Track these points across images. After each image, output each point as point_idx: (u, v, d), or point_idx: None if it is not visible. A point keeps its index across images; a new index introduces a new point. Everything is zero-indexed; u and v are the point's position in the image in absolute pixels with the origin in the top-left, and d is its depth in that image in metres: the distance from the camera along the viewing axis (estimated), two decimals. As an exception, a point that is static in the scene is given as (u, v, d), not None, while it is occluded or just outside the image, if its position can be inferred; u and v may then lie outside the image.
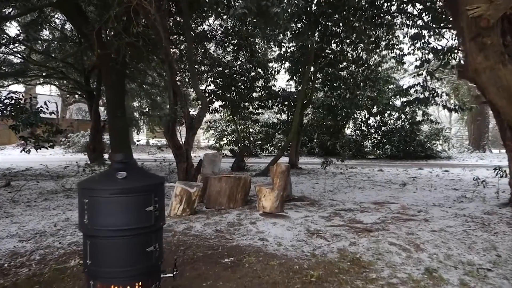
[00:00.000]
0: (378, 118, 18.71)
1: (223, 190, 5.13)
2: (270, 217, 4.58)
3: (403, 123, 18.03)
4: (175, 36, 12.11)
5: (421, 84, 9.62)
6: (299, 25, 10.04)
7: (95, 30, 6.23)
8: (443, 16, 7.95)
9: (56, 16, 12.14)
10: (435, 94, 10.04)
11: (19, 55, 12.32)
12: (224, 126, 20.90)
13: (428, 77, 9.93)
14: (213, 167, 5.98)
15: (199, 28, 12.06)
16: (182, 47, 12.32)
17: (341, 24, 10.06)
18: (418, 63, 9.61)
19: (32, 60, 12.61)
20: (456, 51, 8.62)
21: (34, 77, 14.76)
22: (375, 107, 18.21)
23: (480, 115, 21.34)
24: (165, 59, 6.74)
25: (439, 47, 8.92)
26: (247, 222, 4.31)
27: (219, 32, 12.25)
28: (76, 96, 19.73)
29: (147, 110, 21.88)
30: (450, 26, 8.40)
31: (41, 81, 16.46)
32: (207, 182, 5.37)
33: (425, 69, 9.58)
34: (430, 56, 9.24)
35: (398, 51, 10.64)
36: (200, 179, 5.61)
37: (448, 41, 9.32)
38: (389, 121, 18.66)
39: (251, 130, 19.29)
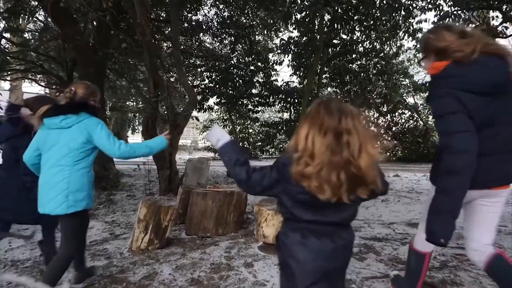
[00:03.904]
0: (388, 117, 17.28)
1: (209, 210, 3.76)
2: (274, 253, 3.20)
3: (416, 122, 16.60)
4: (168, 27, 10.83)
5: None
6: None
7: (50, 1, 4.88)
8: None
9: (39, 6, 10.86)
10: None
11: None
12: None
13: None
14: (199, 176, 4.60)
15: (193, 18, 10.75)
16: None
17: (352, 8, 8.70)
18: None
19: (7, 52, 11.28)
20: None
21: (11, 72, 13.41)
22: (385, 105, 16.78)
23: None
24: (141, 40, 5.38)
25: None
26: (240, 263, 2.92)
27: (216, 23, 10.93)
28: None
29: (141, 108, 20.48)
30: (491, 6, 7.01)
31: (19, 77, 15.07)
32: (188, 198, 4.01)
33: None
34: None
35: (416, 42, 9.30)
36: (181, 193, 4.24)
37: (480, 23, 7.95)
38: (399, 121, 17.23)
39: (250, 130, 17.87)
